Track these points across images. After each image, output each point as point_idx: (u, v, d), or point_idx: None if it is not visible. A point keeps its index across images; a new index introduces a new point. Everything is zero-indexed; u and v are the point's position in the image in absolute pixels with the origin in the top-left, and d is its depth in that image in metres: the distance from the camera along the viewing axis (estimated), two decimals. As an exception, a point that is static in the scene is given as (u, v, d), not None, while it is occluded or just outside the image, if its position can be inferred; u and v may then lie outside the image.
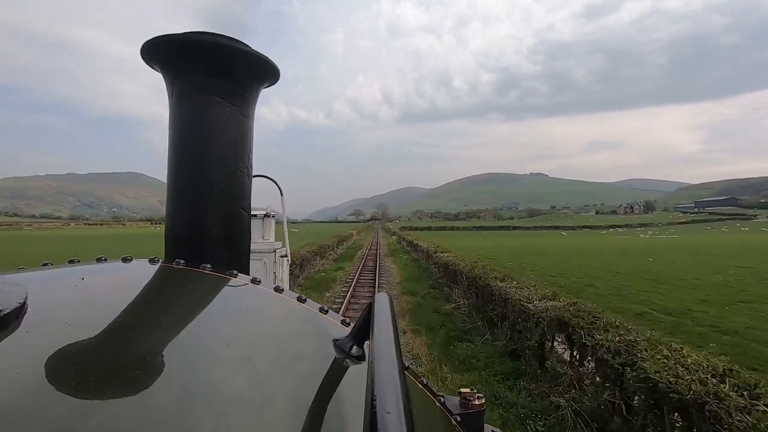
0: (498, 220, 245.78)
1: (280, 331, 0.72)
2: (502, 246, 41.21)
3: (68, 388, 0.38)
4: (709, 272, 18.35)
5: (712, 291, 13.38)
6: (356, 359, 0.62)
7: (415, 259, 22.64)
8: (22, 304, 0.46)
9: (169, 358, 0.49)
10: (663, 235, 78.44)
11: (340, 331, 0.71)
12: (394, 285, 14.19)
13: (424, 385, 0.79)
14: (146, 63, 0.95)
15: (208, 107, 0.92)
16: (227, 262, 0.90)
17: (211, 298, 0.73)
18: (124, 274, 0.74)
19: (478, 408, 0.79)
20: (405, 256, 24.82)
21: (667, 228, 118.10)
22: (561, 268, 19.81)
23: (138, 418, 0.38)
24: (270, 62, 0.98)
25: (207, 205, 0.93)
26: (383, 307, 0.57)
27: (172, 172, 0.94)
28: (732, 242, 46.72)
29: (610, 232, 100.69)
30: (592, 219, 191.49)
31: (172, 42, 0.89)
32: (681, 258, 26.14)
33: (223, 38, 0.90)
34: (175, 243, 0.94)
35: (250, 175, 1.03)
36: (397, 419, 0.30)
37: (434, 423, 0.71)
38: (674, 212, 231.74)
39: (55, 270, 0.69)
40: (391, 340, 0.46)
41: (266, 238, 3.21)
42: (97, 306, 0.58)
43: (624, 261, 24.28)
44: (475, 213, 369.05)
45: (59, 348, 0.44)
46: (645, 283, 15.21)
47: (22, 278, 0.56)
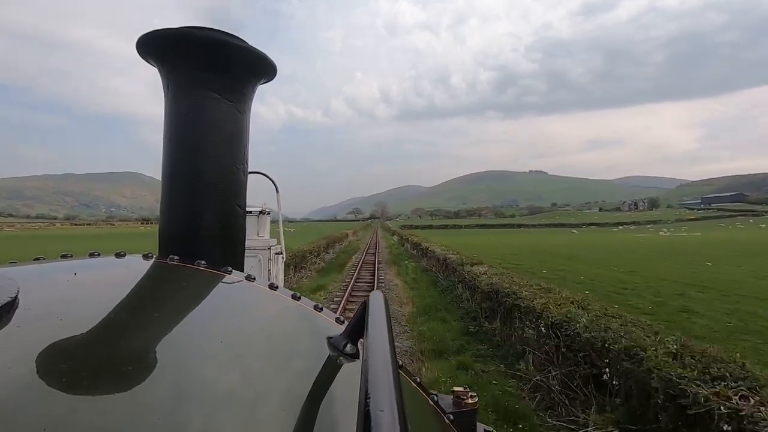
0: (499, 218, 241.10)
1: (274, 328, 0.72)
2: (514, 246, 36.43)
3: (60, 384, 0.38)
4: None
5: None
6: (350, 357, 0.62)
7: (425, 269, 17.64)
8: (14, 298, 0.45)
9: (162, 354, 0.48)
10: (681, 232, 74.01)
11: (334, 329, 0.71)
12: (402, 321, 8.84)
13: (418, 383, 0.79)
14: (142, 57, 0.94)
15: (203, 103, 0.92)
16: (222, 258, 0.89)
17: (204, 295, 0.73)
18: (117, 270, 0.73)
19: (471, 407, 0.79)
20: (411, 264, 19.90)
21: (678, 225, 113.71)
22: (617, 281, 14.99)
23: (130, 415, 0.38)
24: (267, 58, 0.97)
25: (202, 201, 0.92)
26: (378, 305, 0.57)
27: (166, 168, 0.93)
28: (764, 239, 42.11)
29: (620, 229, 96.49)
30: (596, 216, 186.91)
31: (167, 36, 0.88)
32: (747, 262, 21.42)
33: (220, 33, 0.89)
34: (169, 239, 0.93)
35: (245, 172, 1.02)
36: (391, 417, 0.30)
37: (427, 421, 0.71)
38: (680, 209, 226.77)
39: (48, 264, 0.68)
40: (385, 339, 0.46)
41: (261, 235, 3.28)
42: (90, 301, 0.58)
43: (683, 268, 19.54)
44: (475, 211, 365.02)
45: (51, 343, 0.43)
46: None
47: (14, 272, 0.56)
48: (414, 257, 23.10)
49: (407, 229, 70.49)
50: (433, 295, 11.77)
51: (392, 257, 25.10)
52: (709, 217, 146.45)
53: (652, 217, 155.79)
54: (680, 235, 60.53)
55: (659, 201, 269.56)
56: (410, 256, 24.05)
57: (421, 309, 9.92)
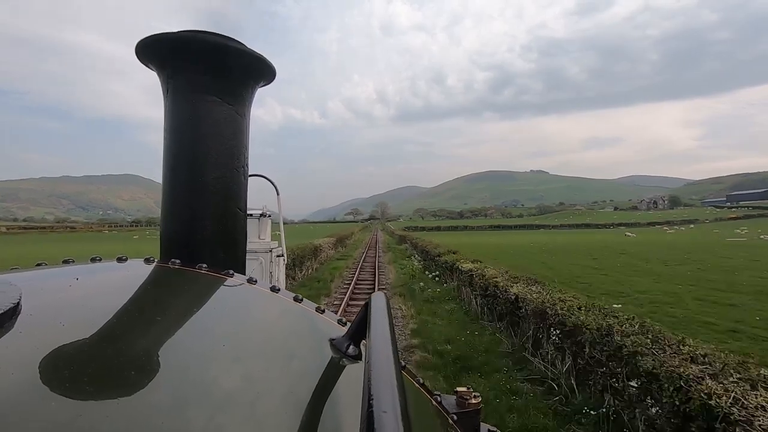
0: (507, 218, 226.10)
1: (277, 330, 0.72)
2: (576, 254, 21.90)
3: (63, 389, 0.38)
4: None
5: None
6: (353, 359, 0.62)
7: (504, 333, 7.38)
8: (16, 304, 0.45)
9: (165, 358, 0.48)
10: (760, 233, 58.22)
11: (336, 331, 0.70)
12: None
13: (421, 384, 0.78)
14: (141, 62, 0.94)
15: (203, 106, 0.91)
16: (223, 261, 0.89)
17: (207, 298, 0.73)
18: (119, 274, 0.73)
19: (474, 407, 0.79)
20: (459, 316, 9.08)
21: (724, 224, 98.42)
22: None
23: (134, 419, 0.38)
24: (266, 61, 0.97)
25: (203, 205, 0.92)
26: (380, 306, 0.56)
27: (167, 171, 0.92)
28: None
29: (664, 229, 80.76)
30: (615, 216, 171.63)
31: (167, 41, 0.88)
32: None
33: (219, 37, 0.89)
34: (170, 243, 0.93)
35: (246, 175, 1.01)
36: (394, 418, 0.30)
37: (431, 422, 0.71)
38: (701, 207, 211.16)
39: (50, 270, 0.68)
40: (387, 340, 0.46)
41: (262, 237, 3.28)
42: (92, 306, 0.57)
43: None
44: (480, 211, 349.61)
45: (54, 348, 0.43)
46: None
47: (16, 278, 0.56)
48: (457, 297, 11.26)
49: (410, 232, 61.09)
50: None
51: (408, 297, 11.84)
52: (752, 215, 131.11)
53: (689, 215, 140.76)
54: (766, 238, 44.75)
55: (681, 200, 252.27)
56: (451, 295, 11.76)
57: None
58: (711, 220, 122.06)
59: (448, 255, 14.97)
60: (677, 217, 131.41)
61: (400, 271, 18.05)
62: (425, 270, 16.84)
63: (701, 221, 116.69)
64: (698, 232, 64.54)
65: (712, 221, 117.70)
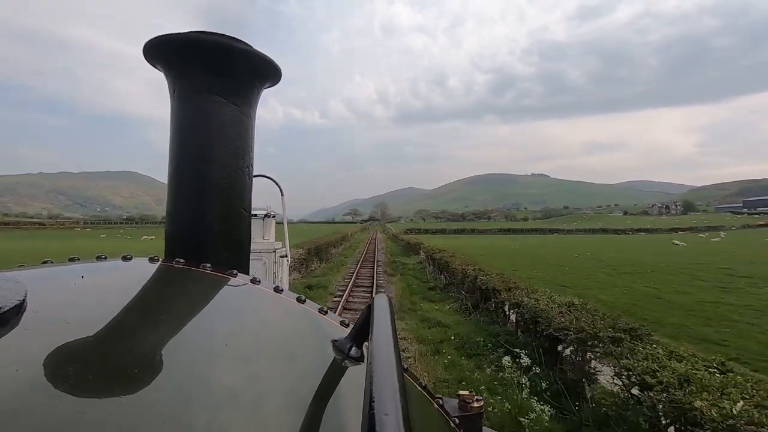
0: (512, 221, 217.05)
1: (279, 331, 0.72)
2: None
3: (67, 386, 0.38)
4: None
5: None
6: (355, 360, 0.62)
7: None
8: (22, 301, 0.46)
9: (168, 357, 0.49)
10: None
11: (339, 332, 0.71)
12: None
13: (423, 387, 0.78)
14: (149, 62, 0.95)
15: (209, 107, 0.92)
16: (227, 261, 0.89)
17: (210, 298, 0.73)
18: (123, 273, 0.74)
19: (476, 410, 0.78)
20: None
21: (756, 231, 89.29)
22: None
23: (138, 417, 0.38)
24: (272, 62, 0.98)
25: (208, 204, 0.93)
26: (382, 308, 0.56)
27: (172, 171, 0.94)
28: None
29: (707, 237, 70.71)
30: (629, 220, 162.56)
31: (174, 41, 0.89)
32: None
33: (225, 38, 0.89)
34: (175, 242, 0.93)
35: (250, 175, 1.03)
36: (395, 421, 0.30)
37: (433, 425, 0.70)
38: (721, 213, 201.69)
39: (55, 268, 0.68)
40: (390, 342, 0.46)
41: (266, 238, 3.28)
42: (97, 304, 0.58)
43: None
44: (483, 213, 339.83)
45: (59, 346, 0.44)
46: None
47: (22, 276, 0.56)
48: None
49: (414, 234, 56.77)
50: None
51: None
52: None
53: (711, 221, 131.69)
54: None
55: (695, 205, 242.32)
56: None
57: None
58: (738, 226, 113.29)
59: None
60: (698, 223, 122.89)
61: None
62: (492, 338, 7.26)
63: (727, 228, 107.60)
64: (747, 239, 55.39)
65: (739, 228, 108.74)
